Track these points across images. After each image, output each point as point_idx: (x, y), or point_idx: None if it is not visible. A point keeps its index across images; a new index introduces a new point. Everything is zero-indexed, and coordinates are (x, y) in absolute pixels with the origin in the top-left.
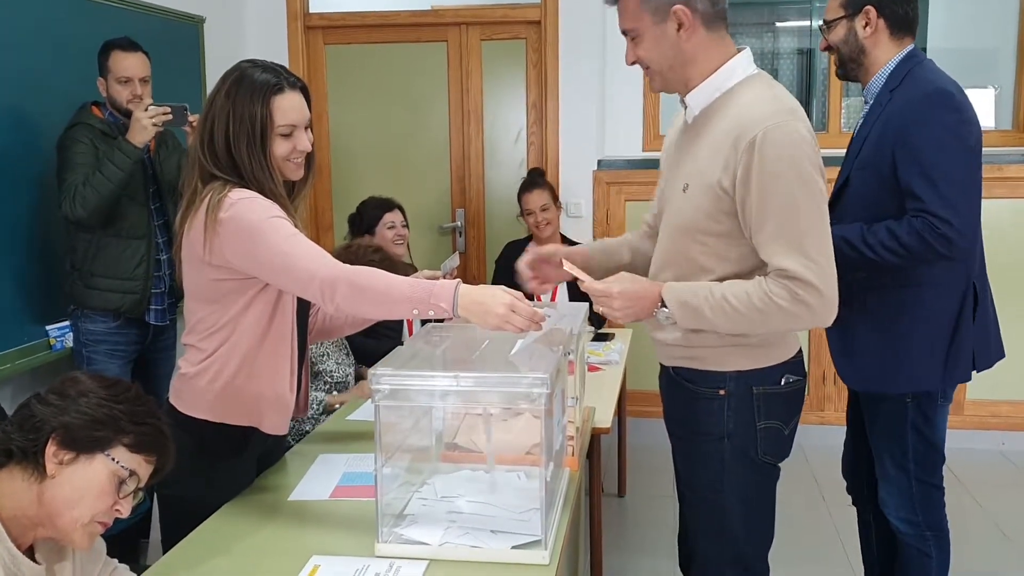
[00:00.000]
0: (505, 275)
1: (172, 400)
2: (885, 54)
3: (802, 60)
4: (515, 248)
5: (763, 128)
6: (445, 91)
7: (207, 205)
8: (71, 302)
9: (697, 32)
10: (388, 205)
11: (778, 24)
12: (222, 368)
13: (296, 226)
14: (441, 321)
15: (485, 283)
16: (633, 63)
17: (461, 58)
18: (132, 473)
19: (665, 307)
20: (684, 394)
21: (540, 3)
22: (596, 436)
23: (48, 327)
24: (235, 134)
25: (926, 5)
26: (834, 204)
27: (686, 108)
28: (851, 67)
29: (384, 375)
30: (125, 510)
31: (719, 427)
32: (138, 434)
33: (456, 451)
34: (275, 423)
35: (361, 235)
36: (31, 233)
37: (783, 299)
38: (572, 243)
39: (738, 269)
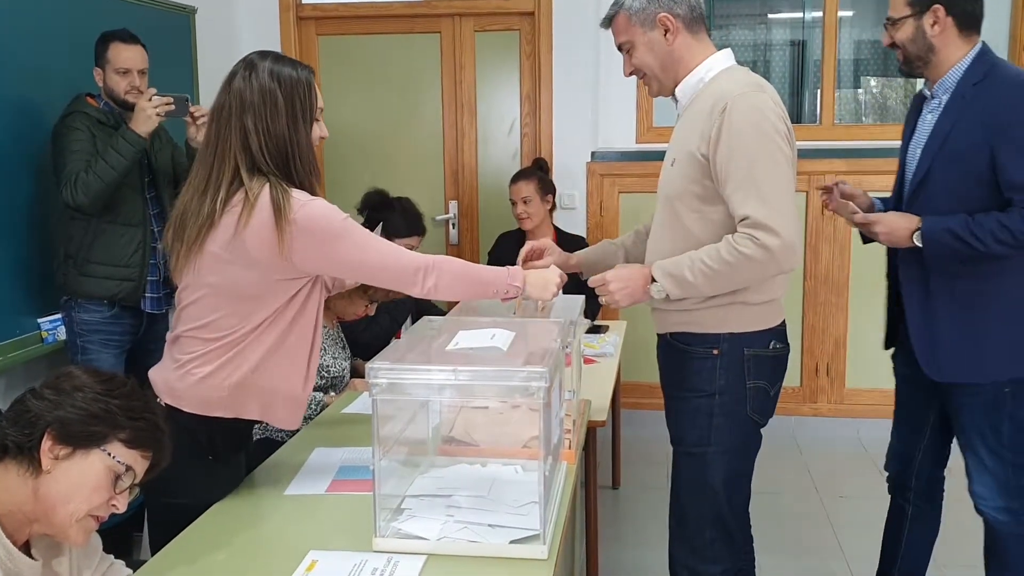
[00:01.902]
0: (497, 265)
1: (167, 399)
2: (956, 51)
3: (794, 51)
4: (508, 240)
5: (732, 97)
6: (439, 82)
7: (270, 204)
8: (64, 292)
9: (680, 35)
10: (421, 228)
11: (770, 16)
12: (240, 364)
13: None
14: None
15: None
16: (631, 74)
17: (454, 49)
18: (128, 468)
19: (655, 282)
20: (680, 356)
21: None
22: (592, 429)
23: (40, 320)
24: (293, 117)
25: None
26: (914, 198)
27: (677, 102)
28: (917, 64)
29: (382, 368)
30: (121, 505)
31: (711, 384)
32: (134, 429)
33: (453, 444)
34: (286, 418)
35: (372, 227)
36: (23, 225)
37: (746, 247)
38: (566, 235)
39: (721, 230)
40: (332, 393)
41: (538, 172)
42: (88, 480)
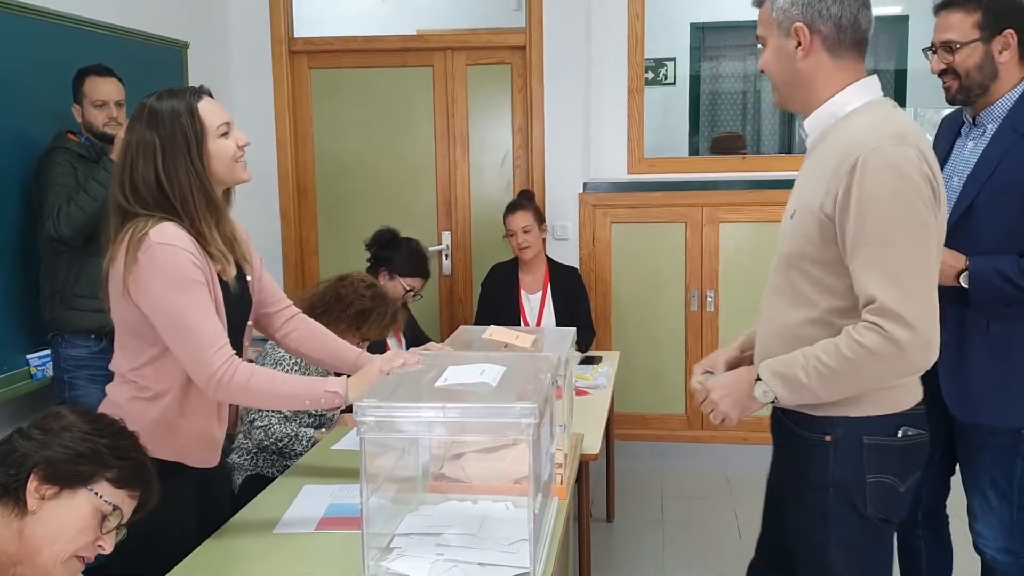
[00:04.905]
0: (490, 297)
1: None
2: (1012, 79)
3: None
4: (501, 271)
5: (865, 152)
6: (431, 115)
7: (128, 240)
8: (51, 328)
9: (816, 54)
10: (425, 272)
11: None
12: (152, 403)
13: (234, 261)
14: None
15: (472, 305)
16: (762, 71)
17: (447, 82)
18: (115, 508)
19: (761, 381)
20: (789, 438)
21: (525, 28)
22: (584, 463)
23: (29, 356)
24: (167, 161)
25: (906, 28)
26: (956, 230)
27: (806, 135)
28: (977, 93)
29: (369, 407)
30: (108, 546)
31: (825, 476)
32: (122, 468)
33: (444, 481)
34: (202, 458)
35: (378, 264)
36: (11, 260)
37: (869, 340)
38: (559, 265)
39: (845, 303)
40: (323, 430)
41: (531, 203)
42: (74, 520)
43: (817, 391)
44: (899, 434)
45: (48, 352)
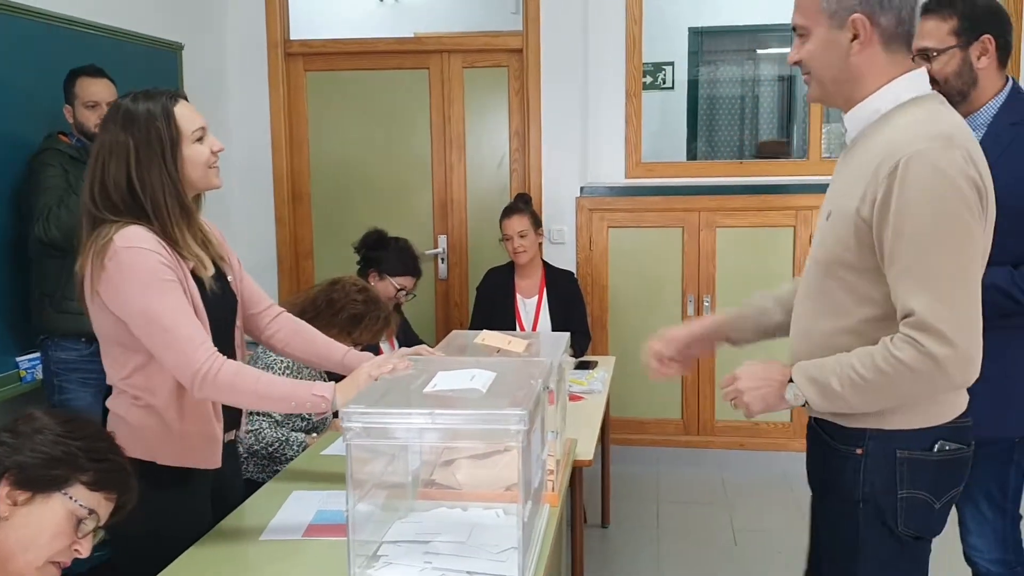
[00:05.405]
0: (486, 301)
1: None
2: (992, 86)
3: (782, 87)
4: (496, 275)
5: (908, 154)
6: (427, 118)
7: (93, 248)
8: (41, 331)
9: (872, 48)
10: (416, 270)
11: (759, 51)
12: (149, 410)
13: (206, 260)
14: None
15: (467, 309)
16: (795, 63)
17: (443, 85)
18: (91, 512)
19: (792, 383)
20: (821, 448)
21: (522, 31)
22: (578, 469)
23: (19, 359)
24: (140, 164)
25: None
26: None
27: (846, 131)
28: (956, 100)
29: (356, 412)
30: (85, 550)
31: (855, 490)
32: (97, 471)
33: (434, 487)
34: (208, 459)
35: (368, 266)
36: (1, 263)
37: (908, 356)
38: (555, 270)
39: (880, 312)
40: (315, 435)
41: (528, 206)
42: (49, 525)
43: (850, 401)
44: (935, 448)
45: (38, 355)
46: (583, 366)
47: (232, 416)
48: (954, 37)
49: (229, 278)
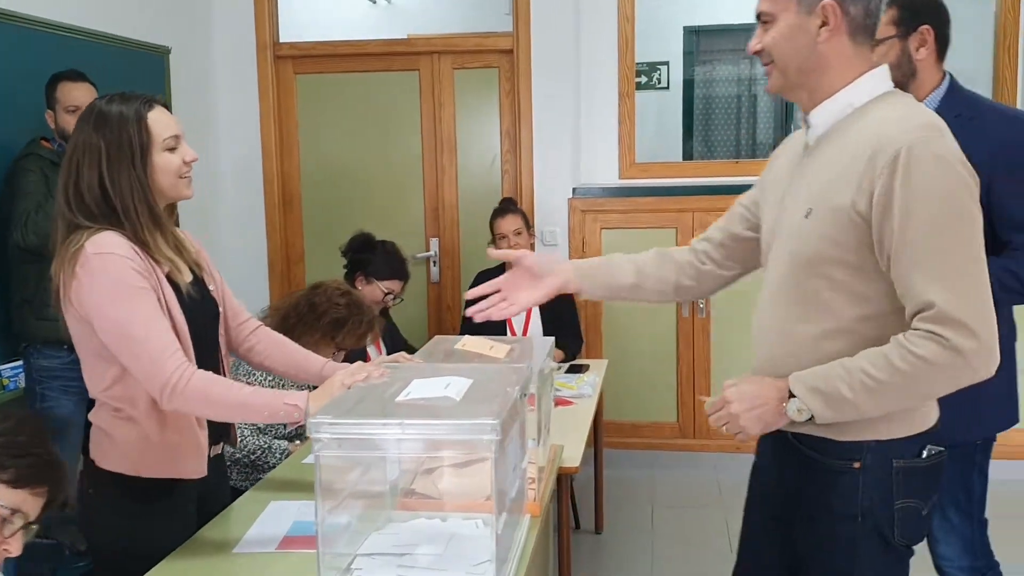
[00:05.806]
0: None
1: (92, 455)
2: (931, 78)
3: None
4: (486, 277)
5: (906, 143)
6: (418, 120)
7: (65, 255)
8: (23, 338)
9: (839, 37)
10: (403, 273)
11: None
12: (131, 422)
13: (179, 265)
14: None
15: (460, 312)
16: (756, 52)
17: (433, 87)
18: (15, 511)
19: (794, 398)
20: (805, 466)
21: (512, 32)
22: (564, 476)
23: (1, 367)
24: (111, 166)
25: None
26: None
27: (808, 127)
28: None
29: (324, 423)
30: (15, 548)
31: (852, 506)
32: (18, 468)
33: (414, 497)
34: (194, 468)
35: (354, 269)
36: None
37: (928, 350)
38: None
39: (873, 310)
40: (298, 442)
41: (518, 208)
42: None
43: (862, 407)
44: (924, 454)
45: (20, 363)
46: (575, 369)
47: (219, 428)
48: (893, 27)
49: (211, 287)
